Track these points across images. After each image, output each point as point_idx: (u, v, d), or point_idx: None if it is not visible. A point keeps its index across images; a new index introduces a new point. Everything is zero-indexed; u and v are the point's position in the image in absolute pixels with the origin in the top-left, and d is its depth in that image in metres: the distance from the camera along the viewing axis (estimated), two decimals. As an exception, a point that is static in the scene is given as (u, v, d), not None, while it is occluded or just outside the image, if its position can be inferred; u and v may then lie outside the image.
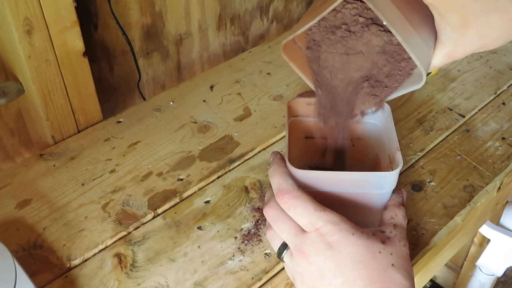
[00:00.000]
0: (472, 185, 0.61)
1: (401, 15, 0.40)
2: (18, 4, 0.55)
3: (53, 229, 0.55)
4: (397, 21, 0.39)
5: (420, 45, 0.40)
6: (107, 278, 0.51)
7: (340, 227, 0.43)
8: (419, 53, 0.40)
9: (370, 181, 0.46)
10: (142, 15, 0.75)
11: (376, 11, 0.38)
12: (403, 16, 0.40)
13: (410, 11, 0.41)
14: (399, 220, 0.47)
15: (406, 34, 0.39)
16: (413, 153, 0.65)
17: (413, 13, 0.41)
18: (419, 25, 0.41)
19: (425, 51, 0.41)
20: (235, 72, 0.80)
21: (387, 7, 0.39)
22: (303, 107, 0.55)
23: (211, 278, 0.51)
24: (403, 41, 0.39)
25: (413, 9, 0.41)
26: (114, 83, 0.78)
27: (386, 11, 0.39)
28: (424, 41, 0.41)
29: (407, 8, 0.40)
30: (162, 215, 0.57)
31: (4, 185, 0.61)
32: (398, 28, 0.39)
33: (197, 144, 0.67)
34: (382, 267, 0.42)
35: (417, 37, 0.40)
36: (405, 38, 0.39)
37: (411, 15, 0.41)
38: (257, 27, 0.93)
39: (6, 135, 0.69)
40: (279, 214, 0.46)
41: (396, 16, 0.39)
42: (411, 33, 0.40)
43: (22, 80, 0.63)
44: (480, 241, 1.10)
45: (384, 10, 0.39)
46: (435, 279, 1.33)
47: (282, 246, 0.46)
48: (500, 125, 0.69)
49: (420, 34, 0.41)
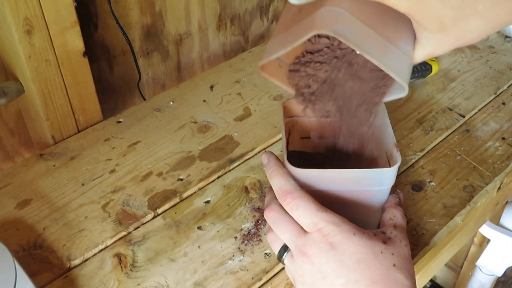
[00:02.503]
0: (472, 185, 0.61)
1: (372, 32, 0.39)
2: (18, 4, 0.55)
3: (53, 229, 0.55)
4: (370, 43, 0.39)
5: (398, 59, 0.40)
6: (107, 278, 0.51)
7: (342, 228, 0.43)
8: (398, 69, 0.40)
9: (369, 178, 0.46)
10: (142, 15, 0.75)
11: (347, 43, 0.37)
12: (375, 32, 0.39)
13: (383, 20, 0.40)
14: (398, 220, 0.47)
15: (381, 54, 0.39)
16: (413, 153, 0.65)
17: (387, 21, 0.40)
18: (396, 32, 0.40)
19: (404, 63, 0.41)
20: (235, 72, 0.80)
21: (357, 31, 0.38)
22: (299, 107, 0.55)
23: (211, 278, 0.51)
24: (380, 64, 0.38)
25: (387, 16, 0.40)
26: (114, 83, 0.78)
27: (357, 37, 0.38)
28: (402, 50, 0.40)
29: (379, 17, 0.40)
30: (162, 215, 0.57)
31: (4, 185, 0.61)
32: (372, 51, 0.38)
33: (197, 144, 0.67)
34: (384, 267, 0.42)
35: (394, 51, 0.40)
36: (381, 59, 0.39)
37: (385, 24, 0.40)
38: (257, 27, 0.93)
39: (6, 135, 0.70)
40: (280, 216, 0.46)
41: (368, 37, 0.39)
42: (386, 50, 0.39)
43: (22, 80, 0.63)
44: (480, 241, 1.10)
45: (354, 38, 0.38)
46: (435, 279, 1.33)
47: (283, 249, 0.46)
48: (500, 125, 0.69)
49: (398, 44, 0.40)
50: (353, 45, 0.38)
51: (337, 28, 0.37)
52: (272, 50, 0.42)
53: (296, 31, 0.40)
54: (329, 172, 0.46)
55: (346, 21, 0.38)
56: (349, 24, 0.38)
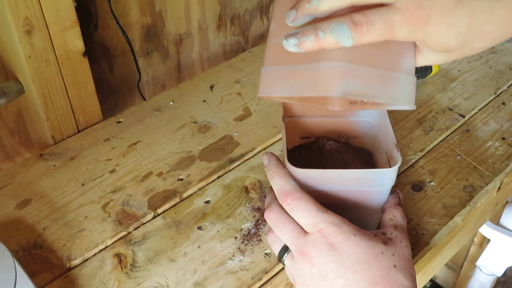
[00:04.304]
0: (472, 185, 0.61)
1: (374, 71, 0.40)
2: (18, 4, 0.55)
3: (53, 229, 0.55)
4: (373, 86, 0.40)
5: (403, 84, 0.41)
6: (107, 278, 0.51)
7: (342, 228, 0.43)
8: (404, 96, 0.41)
9: (370, 179, 0.46)
10: (142, 15, 0.75)
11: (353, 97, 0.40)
12: (377, 67, 0.40)
13: (384, 46, 0.40)
14: (398, 220, 0.47)
15: (386, 90, 0.40)
16: (413, 153, 0.65)
17: (387, 45, 0.40)
18: (397, 54, 0.41)
19: (409, 84, 0.42)
20: (235, 72, 0.80)
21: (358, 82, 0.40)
22: (298, 107, 0.55)
23: (211, 278, 0.51)
24: (387, 103, 0.41)
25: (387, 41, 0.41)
26: (114, 83, 0.78)
27: (360, 89, 0.40)
28: (405, 69, 0.41)
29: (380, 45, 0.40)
30: (162, 215, 0.57)
31: (4, 185, 0.61)
32: (377, 93, 0.40)
33: (197, 144, 0.67)
34: (384, 268, 0.42)
35: (398, 77, 0.41)
36: (387, 96, 0.40)
37: (386, 48, 0.40)
38: (257, 27, 0.93)
39: (6, 135, 0.69)
40: (280, 217, 0.46)
41: (371, 80, 0.40)
42: (390, 82, 0.41)
43: (22, 80, 0.63)
44: (480, 241, 1.10)
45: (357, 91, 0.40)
46: (435, 279, 1.33)
47: (283, 249, 0.46)
48: (500, 125, 0.69)
49: (400, 65, 0.41)
50: (360, 98, 0.40)
51: (341, 90, 0.39)
52: (270, 85, 0.43)
53: (298, 79, 0.41)
54: (330, 172, 0.46)
55: (348, 73, 0.39)
56: (351, 78, 0.39)
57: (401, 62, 0.41)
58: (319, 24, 0.38)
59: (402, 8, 0.37)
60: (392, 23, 0.37)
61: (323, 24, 0.38)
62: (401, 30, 0.38)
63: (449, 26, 0.38)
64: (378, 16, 0.37)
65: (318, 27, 0.38)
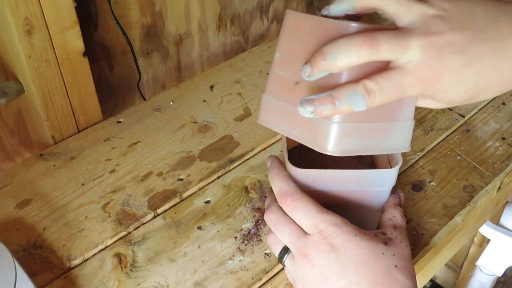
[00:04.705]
0: (472, 185, 0.61)
1: (373, 125, 0.42)
2: (18, 4, 0.55)
3: (53, 229, 0.55)
4: (370, 141, 0.42)
5: (400, 132, 0.43)
6: (107, 278, 0.51)
7: (343, 229, 0.43)
8: (400, 143, 0.44)
9: (370, 179, 0.46)
10: (142, 15, 0.75)
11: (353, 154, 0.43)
12: (376, 122, 0.42)
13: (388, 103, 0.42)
14: (398, 221, 0.47)
15: (382, 141, 0.43)
16: (413, 153, 0.65)
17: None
18: (399, 105, 0.42)
19: (406, 131, 0.44)
20: (235, 72, 0.80)
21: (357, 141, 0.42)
22: None
23: (211, 278, 0.51)
24: (383, 152, 0.44)
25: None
26: (114, 83, 0.78)
27: (359, 146, 0.42)
28: (404, 116, 0.43)
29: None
30: (162, 215, 0.57)
31: (4, 185, 0.61)
32: (373, 146, 0.43)
33: (197, 144, 0.67)
34: (385, 268, 0.42)
35: (395, 127, 0.43)
36: (383, 147, 0.43)
37: (389, 104, 0.41)
38: (257, 27, 0.93)
39: (6, 135, 0.69)
40: (280, 218, 0.46)
41: (368, 136, 0.42)
42: (387, 133, 0.43)
43: (22, 80, 0.63)
44: (480, 241, 1.10)
45: (357, 148, 0.42)
46: (435, 279, 1.33)
47: (283, 250, 0.46)
48: (500, 125, 0.69)
49: (400, 113, 0.43)
50: (357, 153, 0.43)
51: (338, 150, 0.41)
52: (270, 117, 0.45)
53: (298, 126, 0.43)
54: (330, 172, 0.46)
55: (347, 132, 0.41)
56: (349, 136, 0.41)
57: (401, 111, 0.43)
58: (336, 93, 0.39)
59: (413, 71, 0.38)
60: (403, 87, 0.39)
61: (339, 93, 0.39)
62: (412, 92, 0.39)
63: (458, 85, 0.39)
64: (389, 82, 0.38)
65: (335, 96, 0.39)
